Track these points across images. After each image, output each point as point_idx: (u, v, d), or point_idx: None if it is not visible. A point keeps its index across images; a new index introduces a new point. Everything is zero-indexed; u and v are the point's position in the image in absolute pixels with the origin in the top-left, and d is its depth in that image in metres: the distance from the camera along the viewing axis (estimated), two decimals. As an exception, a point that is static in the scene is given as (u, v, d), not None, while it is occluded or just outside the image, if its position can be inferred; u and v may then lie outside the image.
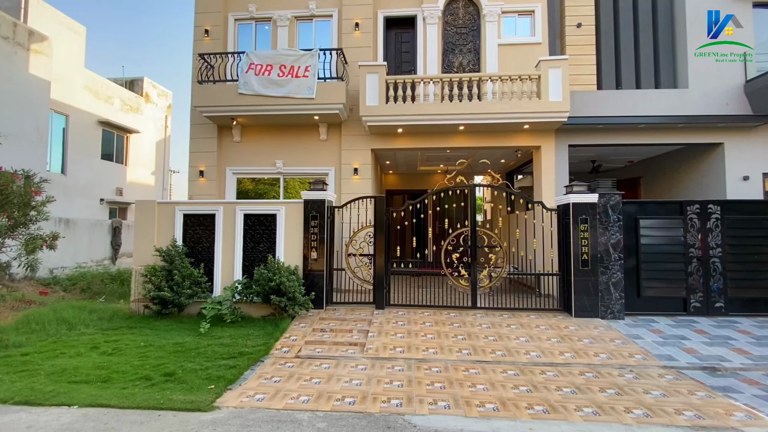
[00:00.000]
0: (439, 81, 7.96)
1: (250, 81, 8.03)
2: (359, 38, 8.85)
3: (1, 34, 10.87)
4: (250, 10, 9.19)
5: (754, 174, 8.23)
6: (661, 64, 8.92)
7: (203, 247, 6.66)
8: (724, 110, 8.21)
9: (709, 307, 6.40)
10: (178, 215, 6.69)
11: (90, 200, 14.70)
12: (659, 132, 8.43)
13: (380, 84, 7.94)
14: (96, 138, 15.16)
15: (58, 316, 6.14)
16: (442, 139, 8.58)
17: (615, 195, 6.38)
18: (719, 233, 6.46)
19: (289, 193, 9.20)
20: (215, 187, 8.85)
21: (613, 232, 6.32)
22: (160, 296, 6.02)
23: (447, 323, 5.94)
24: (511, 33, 8.92)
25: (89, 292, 9.12)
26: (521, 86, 7.81)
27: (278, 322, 5.88)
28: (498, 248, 6.95)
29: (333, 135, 8.89)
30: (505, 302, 6.91)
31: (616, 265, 6.28)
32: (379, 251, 6.68)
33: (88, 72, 14.95)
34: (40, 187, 7.07)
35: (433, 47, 8.91)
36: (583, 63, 8.72)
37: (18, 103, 11.15)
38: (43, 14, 13.20)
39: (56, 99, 13.11)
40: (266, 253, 6.51)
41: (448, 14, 9.13)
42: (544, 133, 8.34)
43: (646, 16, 9.03)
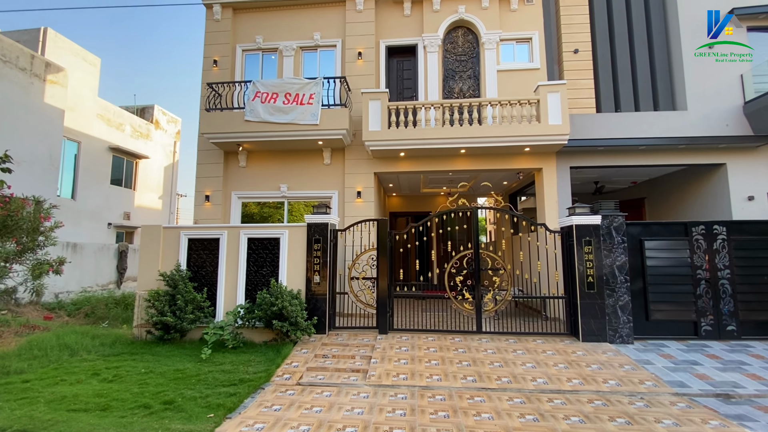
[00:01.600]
0: (440, 106, 8.13)
1: (257, 108, 8.26)
2: (362, 66, 9.14)
3: (19, 65, 11.38)
4: (257, 41, 9.57)
5: (758, 194, 8.18)
6: (658, 87, 9.07)
7: (207, 272, 6.68)
8: (724, 131, 8.27)
9: (721, 330, 6.24)
10: (183, 240, 6.75)
11: (98, 224, 14.92)
12: (660, 153, 8.47)
13: (382, 110, 8.12)
14: (106, 164, 15.54)
15: (60, 342, 6.13)
16: (444, 162, 8.68)
17: (618, 216, 6.36)
18: (726, 254, 6.37)
19: (294, 216, 9.28)
20: (220, 212, 8.96)
21: (617, 254, 6.26)
22: (162, 321, 6.01)
23: (451, 348, 5.83)
24: (510, 59, 9.16)
25: (93, 317, 9.12)
26: (521, 110, 7.95)
27: (280, 347, 5.81)
28: (502, 271, 6.89)
29: (336, 159, 9.04)
30: (511, 326, 6.80)
31: (623, 287, 6.19)
32: (382, 274, 6.66)
33: (101, 100, 15.48)
34: (49, 213, 7.20)
35: (433, 74, 9.16)
36: (582, 87, 8.90)
37: (32, 131, 11.54)
38: (60, 46, 13.81)
39: (69, 126, 13.53)
40: (269, 277, 6.52)
41: (448, 43, 9.43)
42: (545, 155, 8.42)
43: (642, 40, 9.26)
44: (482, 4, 9.08)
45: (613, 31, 9.34)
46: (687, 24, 8.77)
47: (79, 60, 14.47)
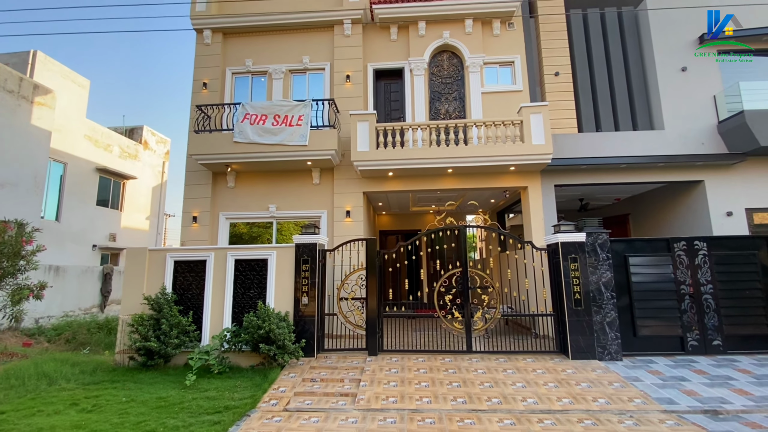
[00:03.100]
0: (427, 127, 8.31)
1: (245, 130, 8.33)
2: (350, 89, 9.33)
3: (7, 88, 11.34)
4: (247, 64, 9.73)
5: (736, 210, 8.43)
6: (636, 108, 9.41)
7: (193, 294, 6.57)
8: (700, 149, 8.57)
9: (707, 345, 6.31)
10: (169, 262, 6.66)
11: (82, 246, 14.62)
12: (641, 171, 8.72)
13: (370, 131, 8.26)
14: (93, 184, 15.36)
15: (38, 371, 5.91)
16: (431, 182, 8.80)
17: (602, 233, 6.48)
18: (708, 269, 6.51)
19: (283, 235, 9.24)
20: (208, 233, 8.89)
21: (603, 270, 6.36)
22: (145, 347, 5.85)
23: (442, 369, 5.78)
24: (494, 82, 9.45)
25: (74, 343, 8.84)
26: (505, 131, 8.16)
27: (267, 372, 5.69)
28: (491, 289, 6.92)
29: (325, 179, 9.10)
30: (501, 345, 6.78)
31: (609, 303, 6.26)
32: (372, 294, 6.62)
33: (89, 122, 15.43)
34: (31, 237, 7.07)
35: (420, 96, 9.39)
36: (563, 108, 9.19)
37: (18, 153, 11.41)
38: (49, 69, 13.84)
39: (56, 148, 13.42)
40: (257, 299, 6.43)
41: (434, 66, 9.72)
42: (530, 174, 8.60)
43: (618, 63, 9.66)
44: (466, 30, 9.42)
45: (591, 55, 9.74)
46: (660, 48, 9.19)
47: (68, 82, 14.49)
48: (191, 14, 9.73)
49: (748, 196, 8.51)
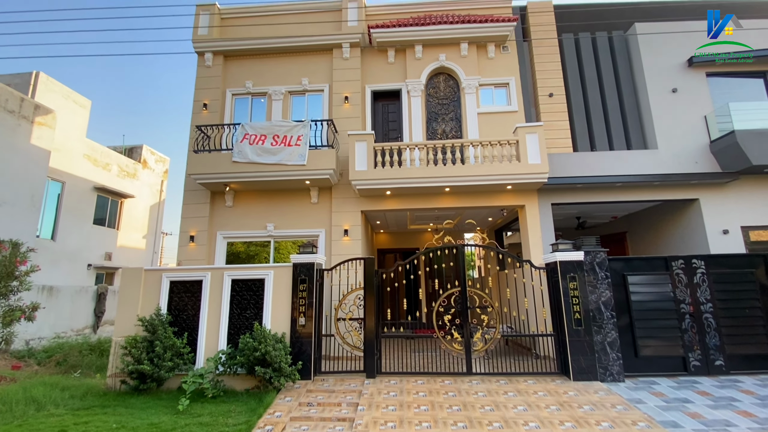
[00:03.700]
0: (424, 147, 8.40)
1: (244, 150, 8.40)
2: (349, 110, 9.48)
3: (7, 108, 11.44)
4: (247, 86, 9.90)
5: (732, 228, 8.48)
6: (629, 128, 9.58)
7: (188, 315, 6.47)
8: (694, 168, 8.69)
9: (710, 365, 6.23)
10: (165, 282, 6.59)
11: (77, 265, 14.47)
12: (636, 190, 8.80)
13: (368, 151, 8.35)
14: (90, 203, 15.33)
15: (27, 395, 5.74)
16: (429, 200, 8.84)
17: (600, 252, 6.48)
18: (707, 288, 6.49)
19: (280, 254, 9.19)
20: (205, 252, 8.83)
21: (602, 289, 6.33)
22: (138, 370, 5.72)
23: (441, 392, 5.66)
24: (489, 102, 9.63)
25: (65, 365, 8.62)
26: (501, 150, 8.26)
27: (263, 395, 5.55)
28: (490, 308, 6.86)
29: (324, 198, 9.13)
30: (502, 366, 6.66)
31: (610, 323, 6.20)
32: (369, 314, 6.54)
33: (89, 141, 15.53)
34: (25, 257, 7.01)
35: (417, 116, 9.54)
36: (558, 128, 9.35)
37: (16, 172, 11.42)
38: (51, 89, 14.00)
39: (54, 167, 13.45)
40: (253, 319, 6.34)
41: (430, 87, 9.92)
42: (527, 192, 8.66)
43: (611, 85, 9.88)
44: (461, 53, 9.67)
45: (584, 77, 9.97)
46: (650, 70, 9.43)
47: (69, 102, 14.65)
48: (193, 38, 9.96)
49: (743, 213, 8.58)
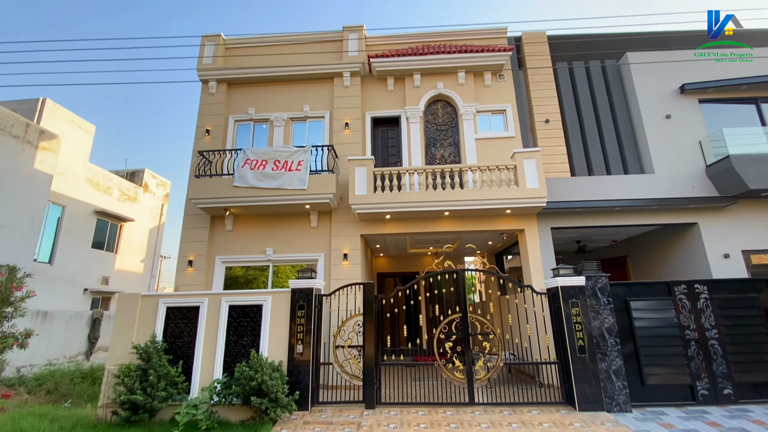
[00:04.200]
0: (423, 172, 8.49)
1: (245, 175, 8.48)
2: (349, 135, 9.64)
3: (12, 133, 11.59)
4: (250, 112, 10.10)
5: (733, 252, 8.45)
6: (626, 153, 9.71)
7: (184, 342, 6.34)
8: (691, 192, 8.74)
9: (718, 394, 6.06)
10: (161, 308, 6.49)
11: (73, 290, 14.30)
12: (635, 214, 8.83)
13: (368, 175, 8.43)
14: (89, 227, 15.32)
15: (15, 427, 5.54)
16: (429, 224, 8.84)
17: (602, 277, 6.42)
18: (711, 314, 6.40)
19: (279, 278, 9.11)
20: (203, 277, 8.75)
21: (605, 315, 6.24)
22: (130, 400, 5.54)
23: (443, 424, 5.47)
24: (487, 128, 9.81)
25: (56, 394, 8.38)
26: (500, 175, 8.34)
27: (258, 427, 5.36)
28: (492, 335, 6.73)
29: (323, 222, 9.13)
30: (505, 396, 6.48)
31: (614, 350, 6.08)
32: (369, 341, 6.42)
33: (91, 165, 15.68)
34: (22, 282, 6.93)
35: (416, 142, 9.69)
36: (555, 153, 9.48)
37: (17, 196, 11.46)
38: (56, 115, 14.26)
39: (56, 191, 13.52)
40: (250, 347, 6.21)
41: (429, 114, 10.13)
42: (526, 217, 8.68)
43: (605, 111, 10.09)
44: (459, 81, 9.93)
45: (579, 103, 10.20)
46: (644, 97, 9.66)
47: (74, 127, 14.89)
48: (198, 67, 10.25)
49: (744, 237, 8.56)
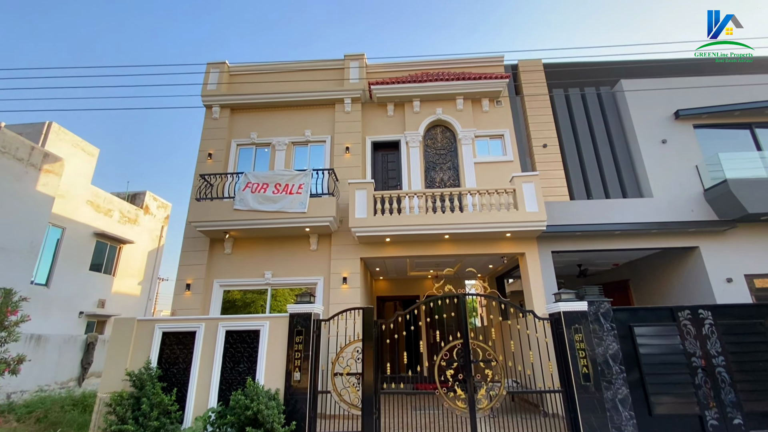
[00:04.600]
0: (423, 195, 8.54)
1: (246, 198, 8.52)
2: (349, 159, 9.76)
3: (17, 156, 11.71)
4: (252, 137, 10.27)
5: (736, 276, 8.38)
6: (624, 177, 9.78)
7: (179, 369, 6.20)
8: (690, 216, 8.75)
9: (728, 425, 5.86)
10: (157, 333, 6.38)
11: (69, 313, 14.10)
12: (635, 237, 8.81)
13: (368, 199, 8.47)
14: (88, 249, 15.26)
15: (0, 459, 5.36)
16: (429, 247, 8.82)
17: (604, 302, 6.34)
18: (717, 340, 6.28)
19: (277, 301, 9.00)
20: (200, 301, 8.65)
21: (609, 341, 6.12)
22: (121, 430, 5.37)
23: (444, 456, 5.28)
24: (485, 153, 9.94)
25: (45, 422, 8.11)
26: (499, 199, 8.39)
27: (253, 460, 5.16)
28: (494, 362, 6.58)
29: (323, 245, 9.11)
30: (508, 427, 6.29)
31: (619, 378, 5.93)
32: (368, 369, 6.26)
33: (93, 187, 15.78)
34: (17, 306, 6.83)
35: (416, 165, 9.80)
36: (554, 177, 9.56)
37: (18, 218, 11.45)
38: (61, 138, 14.46)
39: (56, 213, 13.54)
40: (246, 374, 6.06)
41: (428, 138, 10.29)
42: (526, 240, 8.67)
43: (602, 136, 10.24)
44: (457, 107, 10.15)
45: (576, 129, 10.37)
46: (639, 123, 9.83)
47: (78, 150, 15.07)
48: (202, 93, 10.49)
49: (746, 261, 8.51)
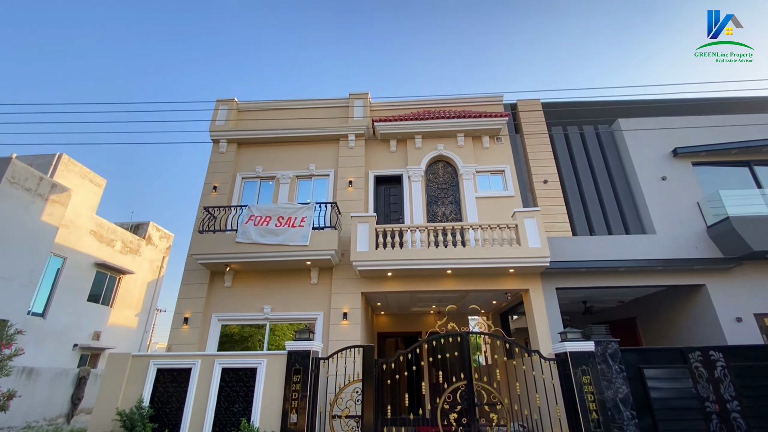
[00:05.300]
0: (425, 229, 8.55)
1: (248, 231, 8.55)
2: (352, 193, 9.88)
3: (25, 186, 11.89)
4: (257, 170, 10.46)
5: (745, 315, 8.17)
6: (625, 213, 9.78)
7: (171, 409, 5.97)
8: (694, 253, 8.64)
9: (748, 476, 5.53)
10: (152, 369, 6.20)
11: (63, 345, 13.81)
12: (639, 275, 8.68)
13: (370, 232, 8.48)
14: (88, 280, 15.16)
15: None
16: (431, 282, 8.71)
17: (612, 342, 6.16)
18: (730, 383, 6.04)
19: (276, 336, 8.80)
20: (197, 335, 8.46)
21: (618, 384, 5.89)
22: (108, 476, 5.11)
23: None
24: (486, 188, 10.05)
25: (29, 464, 7.75)
26: (501, 234, 8.38)
27: None
28: (499, 405, 6.31)
29: (324, 279, 9.02)
30: (515, 475, 5.92)
31: (631, 425, 5.65)
32: (368, 411, 6.00)
33: (97, 217, 15.91)
34: (12, 339, 6.71)
35: (418, 200, 9.88)
36: (556, 212, 9.59)
37: (20, 247, 11.45)
38: (70, 169, 14.73)
39: (59, 242, 13.56)
40: (241, 415, 5.82)
41: (430, 173, 10.45)
42: (530, 276, 8.56)
43: (602, 173, 10.35)
44: (458, 143, 10.38)
45: (576, 165, 10.51)
46: (639, 160, 9.95)
47: (85, 181, 15.33)
48: (210, 128, 10.80)
49: (754, 300, 8.32)
